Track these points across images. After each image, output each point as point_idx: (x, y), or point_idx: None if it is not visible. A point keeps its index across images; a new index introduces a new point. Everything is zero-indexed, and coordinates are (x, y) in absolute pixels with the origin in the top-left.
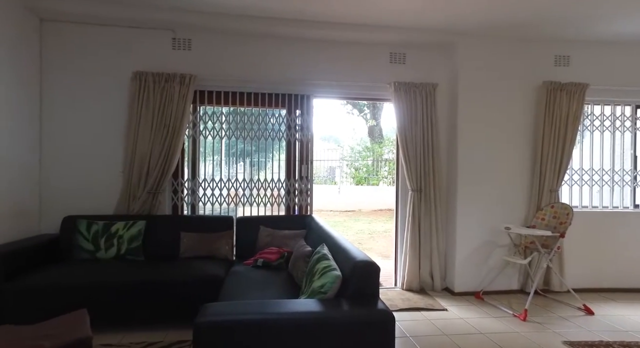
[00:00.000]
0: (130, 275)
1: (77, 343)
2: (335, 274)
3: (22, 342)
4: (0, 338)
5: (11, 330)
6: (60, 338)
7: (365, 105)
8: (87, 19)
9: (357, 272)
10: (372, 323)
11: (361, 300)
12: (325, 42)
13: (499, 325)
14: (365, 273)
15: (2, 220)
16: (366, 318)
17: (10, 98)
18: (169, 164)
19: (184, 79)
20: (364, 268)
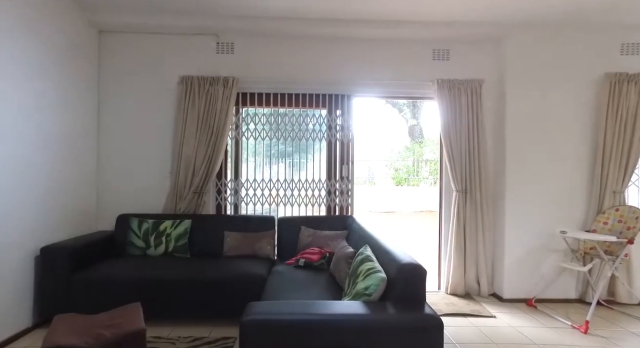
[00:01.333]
0: (177, 271)
1: (133, 334)
2: (380, 276)
3: (86, 329)
4: (68, 324)
5: (76, 319)
6: (118, 328)
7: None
8: (139, 29)
9: (402, 274)
10: (419, 329)
11: (407, 304)
12: (366, 40)
13: (556, 336)
14: (412, 276)
15: (67, 218)
16: (413, 323)
17: (75, 106)
18: (213, 165)
19: (227, 82)
20: (410, 271)
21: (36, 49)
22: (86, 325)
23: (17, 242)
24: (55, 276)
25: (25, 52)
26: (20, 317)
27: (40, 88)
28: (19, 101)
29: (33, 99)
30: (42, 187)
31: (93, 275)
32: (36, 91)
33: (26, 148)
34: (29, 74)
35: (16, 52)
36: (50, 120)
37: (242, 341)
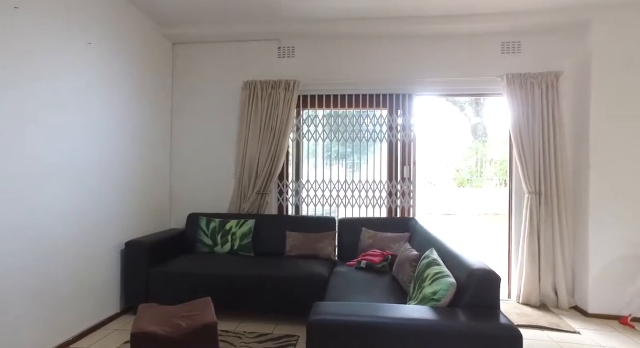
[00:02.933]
0: (242, 269)
1: (206, 326)
2: (449, 281)
3: (165, 319)
4: (151, 313)
5: (155, 308)
6: (192, 320)
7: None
8: (206, 39)
9: (474, 280)
10: (494, 339)
11: (480, 312)
12: (428, 37)
13: None
14: (484, 282)
15: (145, 216)
16: (488, 333)
17: (151, 114)
18: (275, 166)
19: (289, 85)
20: (483, 276)
21: (118, 62)
22: (165, 315)
23: (107, 236)
24: (136, 268)
25: (109, 65)
26: (111, 303)
27: (120, 97)
28: (102, 109)
29: (114, 107)
30: (125, 188)
31: (167, 269)
32: (116, 100)
33: (110, 153)
34: (111, 85)
35: (101, 66)
36: (129, 127)
37: (309, 340)
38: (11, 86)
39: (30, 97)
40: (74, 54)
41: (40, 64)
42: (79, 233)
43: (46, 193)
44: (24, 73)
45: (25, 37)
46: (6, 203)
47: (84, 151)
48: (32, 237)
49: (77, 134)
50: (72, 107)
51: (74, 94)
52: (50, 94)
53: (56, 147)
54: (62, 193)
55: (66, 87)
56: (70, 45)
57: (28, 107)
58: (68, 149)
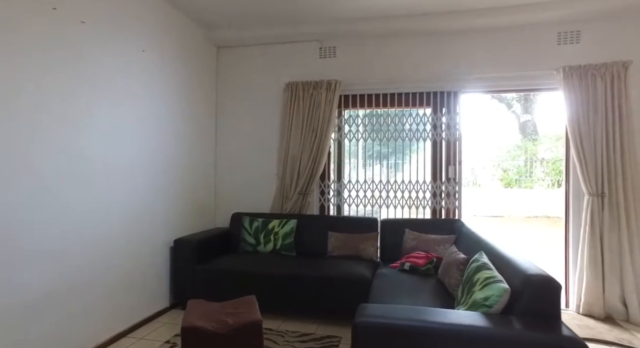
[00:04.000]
0: (285, 268)
1: (251, 324)
2: (502, 287)
3: (213, 315)
4: (197, 308)
5: (203, 304)
6: (239, 317)
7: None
8: (250, 42)
9: (530, 287)
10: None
11: (538, 322)
12: (473, 32)
13: None
14: (542, 289)
15: (191, 215)
16: (549, 344)
17: (198, 116)
18: (317, 167)
19: (330, 85)
20: (541, 283)
21: (167, 67)
22: (212, 311)
23: (159, 234)
24: (184, 265)
25: (160, 71)
26: (161, 298)
27: (169, 101)
28: (152, 112)
29: (163, 111)
30: (174, 189)
31: (212, 267)
32: (165, 103)
33: (159, 155)
34: (160, 90)
35: (153, 72)
36: (178, 130)
37: (354, 342)
38: (71, 92)
39: (87, 101)
40: (130, 61)
41: (99, 72)
42: (133, 231)
43: (105, 193)
44: (84, 79)
45: (89, 48)
46: (72, 201)
47: (136, 153)
48: (93, 234)
49: (130, 136)
50: (126, 111)
51: (127, 98)
52: (106, 98)
53: (112, 149)
54: (118, 192)
55: (120, 92)
56: (126, 54)
57: (87, 111)
58: (123, 151)
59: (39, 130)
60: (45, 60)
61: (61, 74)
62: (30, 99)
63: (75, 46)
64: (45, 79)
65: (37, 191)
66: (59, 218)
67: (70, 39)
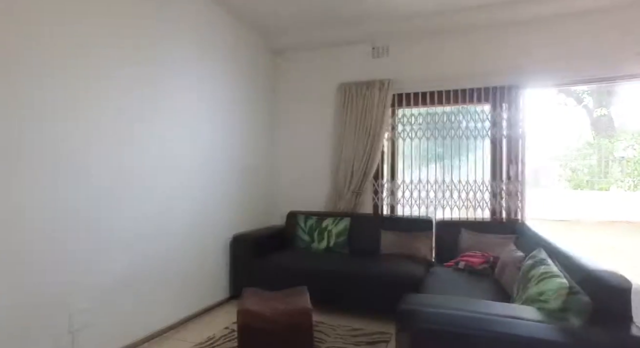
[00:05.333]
0: (338, 265)
1: (301, 311)
2: (558, 282)
3: (266, 301)
4: (252, 295)
5: (258, 292)
6: (290, 304)
7: (586, 91)
8: (304, 46)
9: (592, 285)
10: None
11: (603, 322)
12: (535, 20)
13: None
14: (607, 287)
15: (250, 213)
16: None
17: (256, 120)
18: (370, 166)
19: (383, 85)
20: (605, 280)
21: (235, 75)
22: (266, 298)
23: (219, 230)
24: (242, 259)
25: (229, 79)
26: (221, 289)
27: (234, 106)
28: (220, 119)
29: (226, 114)
30: (235, 187)
31: (268, 262)
32: (231, 109)
33: (221, 156)
34: (226, 97)
35: (215, 80)
36: (239, 132)
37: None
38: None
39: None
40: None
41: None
42: (196, 226)
43: (170, 188)
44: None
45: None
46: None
47: (201, 153)
48: (160, 227)
49: (196, 139)
50: (194, 116)
51: (203, 104)
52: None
53: (181, 149)
54: (184, 189)
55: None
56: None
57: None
58: (189, 151)
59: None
60: (141, 71)
61: (157, 85)
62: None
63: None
64: (146, 89)
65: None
66: (136, 211)
67: (161, 54)
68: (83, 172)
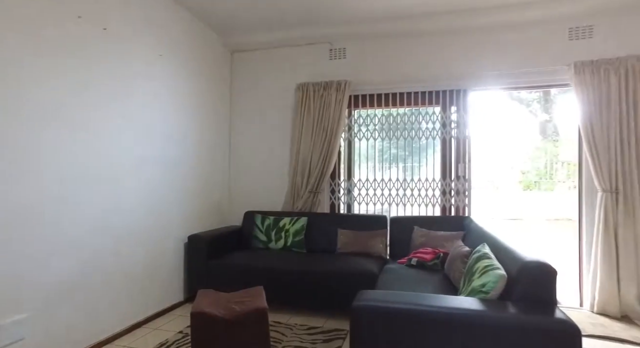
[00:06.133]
0: (294, 264)
1: (257, 311)
2: (498, 273)
3: (221, 303)
4: (208, 297)
5: (213, 293)
6: (246, 305)
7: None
8: (262, 46)
9: (526, 273)
10: (549, 334)
11: (533, 306)
12: (481, 30)
13: None
14: (538, 275)
15: (205, 213)
16: (541, 327)
17: (212, 117)
18: (327, 166)
19: (340, 86)
20: (536, 269)
21: (183, 70)
22: (221, 300)
23: (174, 231)
24: (197, 260)
25: (176, 74)
26: (176, 291)
27: (188, 105)
28: (173, 116)
29: (183, 114)
30: (189, 187)
31: (224, 262)
32: (185, 107)
33: (174, 155)
34: (176, 92)
35: (169, 74)
36: (193, 131)
37: (352, 324)
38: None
39: (107, 104)
40: (148, 66)
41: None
42: (148, 226)
43: (121, 188)
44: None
45: (111, 54)
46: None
47: (153, 152)
48: (109, 228)
49: (148, 137)
50: (145, 112)
51: (147, 100)
52: (125, 101)
53: (131, 148)
54: (134, 188)
55: (141, 94)
56: (145, 58)
57: (107, 111)
58: (141, 150)
59: (60, 132)
60: (67, 64)
61: (83, 76)
62: (51, 103)
63: (96, 51)
64: (66, 82)
65: (64, 188)
66: (83, 212)
67: (92, 45)
68: (32, 167)
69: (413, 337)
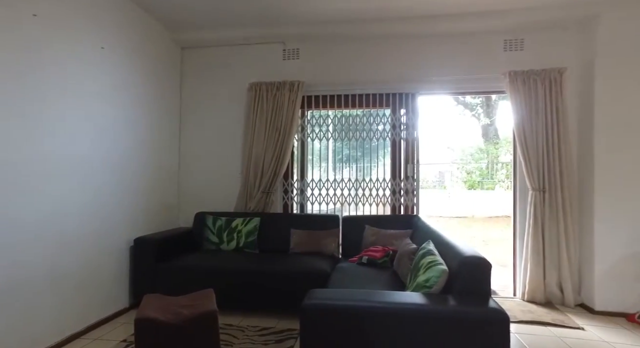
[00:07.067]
0: (246, 264)
1: (206, 314)
2: (440, 268)
3: (168, 307)
4: (155, 302)
5: (160, 298)
6: (194, 309)
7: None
8: (214, 43)
9: (465, 267)
10: (482, 322)
11: (470, 298)
12: (429, 36)
13: None
14: (475, 269)
15: (154, 214)
16: (476, 316)
17: (161, 115)
18: (280, 166)
19: (293, 86)
20: (473, 263)
21: (130, 66)
22: (168, 304)
23: (117, 233)
24: (144, 264)
25: (122, 69)
26: (120, 298)
27: (131, 99)
28: (118, 113)
29: (126, 109)
30: (136, 187)
31: (173, 265)
32: (131, 104)
33: (121, 153)
34: (123, 87)
35: (114, 70)
36: (140, 128)
37: (302, 324)
38: (25, 87)
39: (42, 97)
40: (89, 58)
41: (54, 68)
42: (89, 228)
43: (59, 188)
44: (39, 74)
45: (43, 42)
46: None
47: (96, 151)
48: (47, 228)
49: (87, 134)
50: (85, 109)
51: (86, 94)
52: (61, 93)
53: (71, 145)
54: (74, 189)
55: (78, 87)
56: (85, 50)
57: (41, 106)
58: (81, 148)
59: None
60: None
61: (13, 68)
62: None
63: (27, 40)
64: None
65: None
66: (15, 215)
67: (22, 33)
68: None
69: (361, 333)
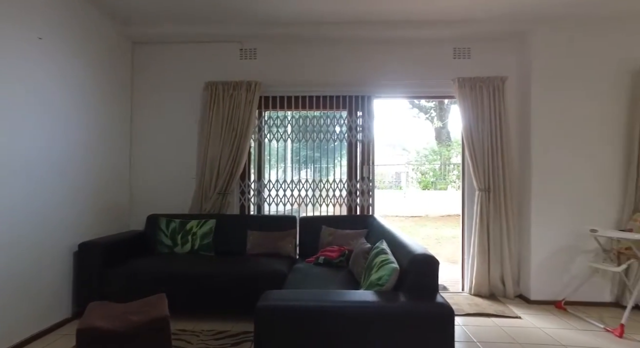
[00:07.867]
0: (202, 268)
1: (158, 320)
2: (392, 267)
3: (117, 315)
4: (101, 310)
5: (107, 305)
6: (145, 315)
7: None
8: (169, 39)
9: (415, 265)
10: (429, 317)
11: (419, 294)
12: (385, 41)
13: (586, 339)
14: (424, 266)
15: (102, 217)
16: (423, 311)
17: (110, 112)
18: (237, 167)
19: (250, 86)
20: (422, 261)
21: (73, 59)
22: (116, 312)
23: (58, 238)
24: (90, 270)
25: (64, 62)
26: (62, 308)
27: (79, 96)
28: (60, 107)
29: (73, 106)
30: (81, 188)
31: (124, 270)
32: (76, 98)
33: (65, 152)
34: (66, 82)
35: (55, 63)
36: (86, 126)
37: (256, 326)
38: None
39: None
40: (24, 50)
41: None
42: (25, 234)
43: None
44: None
45: None
46: None
47: (35, 149)
48: None
49: (28, 131)
50: (23, 104)
51: (25, 90)
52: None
53: (6, 143)
54: (10, 190)
55: (18, 83)
56: (19, 42)
57: None
58: (19, 145)
59: None
60: None
61: None
62: None
63: None
64: None
65: None
66: None
67: None
68: None
69: (315, 332)
